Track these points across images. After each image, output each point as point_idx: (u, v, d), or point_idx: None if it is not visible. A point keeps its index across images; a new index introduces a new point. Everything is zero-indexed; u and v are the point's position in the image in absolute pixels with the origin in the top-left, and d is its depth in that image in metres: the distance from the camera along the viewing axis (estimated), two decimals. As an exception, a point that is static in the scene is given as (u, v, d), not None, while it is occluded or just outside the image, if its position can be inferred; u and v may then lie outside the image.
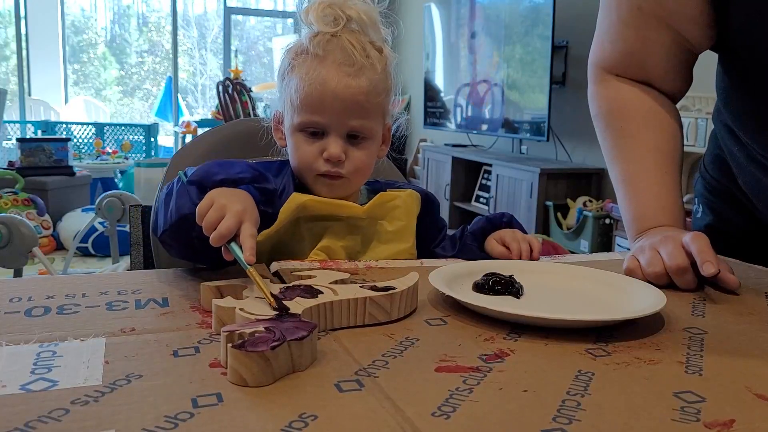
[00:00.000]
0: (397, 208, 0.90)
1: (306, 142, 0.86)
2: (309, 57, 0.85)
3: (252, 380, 0.47)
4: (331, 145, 0.85)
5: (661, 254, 0.79)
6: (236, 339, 0.49)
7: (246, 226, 0.67)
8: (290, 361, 0.49)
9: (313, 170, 0.87)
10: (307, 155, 0.86)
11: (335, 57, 0.84)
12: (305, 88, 0.84)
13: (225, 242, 0.66)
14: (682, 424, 0.43)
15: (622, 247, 3.17)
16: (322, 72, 0.84)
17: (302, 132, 0.86)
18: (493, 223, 0.94)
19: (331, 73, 0.83)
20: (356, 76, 0.84)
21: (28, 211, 3.86)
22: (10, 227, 2.10)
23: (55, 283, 0.73)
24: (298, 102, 0.85)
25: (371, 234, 0.89)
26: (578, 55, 3.84)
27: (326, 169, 0.86)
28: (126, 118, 8.25)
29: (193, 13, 8.52)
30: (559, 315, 0.60)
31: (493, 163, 4.14)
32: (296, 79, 0.85)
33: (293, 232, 0.86)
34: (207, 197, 0.70)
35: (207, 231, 0.67)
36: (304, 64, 0.86)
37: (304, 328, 0.51)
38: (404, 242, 0.91)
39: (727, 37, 0.86)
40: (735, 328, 0.65)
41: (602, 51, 0.97)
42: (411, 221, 0.92)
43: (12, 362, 0.50)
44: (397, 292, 0.62)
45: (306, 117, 0.85)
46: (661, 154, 0.92)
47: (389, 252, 0.89)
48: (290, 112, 0.88)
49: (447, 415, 0.43)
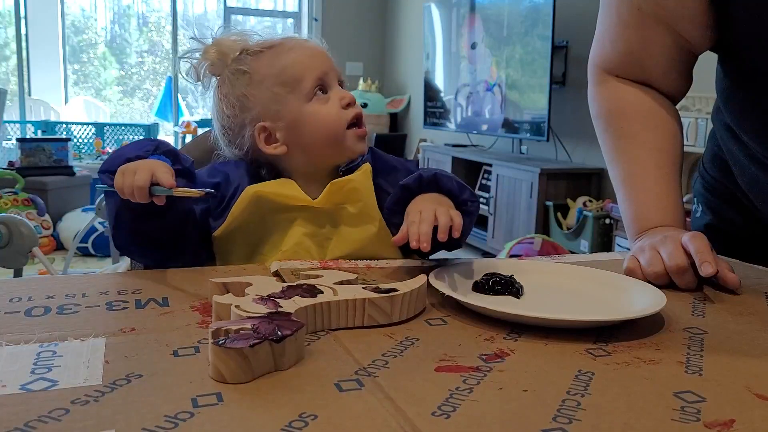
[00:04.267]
0: (355, 190, 0.89)
1: (321, 104, 0.89)
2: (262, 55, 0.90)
3: (230, 376, 0.47)
4: (340, 91, 0.90)
5: (661, 254, 0.79)
6: (222, 335, 0.50)
7: (158, 171, 0.73)
8: (272, 359, 0.49)
9: (343, 123, 0.89)
10: (332, 112, 0.88)
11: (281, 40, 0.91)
12: (292, 62, 0.88)
13: (148, 193, 0.73)
14: (682, 424, 0.43)
15: (622, 247, 3.17)
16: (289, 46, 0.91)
17: (314, 99, 0.88)
18: (408, 189, 0.84)
19: (295, 42, 0.91)
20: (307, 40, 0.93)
21: (28, 211, 3.86)
22: (10, 227, 2.10)
23: (55, 283, 0.73)
24: (293, 78, 0.88)
25: (336, 219, 0.89)
26: (578, 55, 3.84)
27: (354, 113, 0.89)
28: (126, 118, 8.24)
29: (193, 13, 8.51)
30: (559, 315, 0.60)
31: (493, 163, 4.14)
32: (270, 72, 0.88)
33: (260, 228, 0.87)
34: (117, 173, 0.75)
35: (130, 196, 0.74)
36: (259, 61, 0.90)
37: (290, 327, 0.51)
38: (370, 222, 0.88)
39: (727, 37, 0.86)
40: (735, 328, 0.65)
41: (602, 51, 0.97)
42: (370, 198, 0.90)
43: (12, 362, 0.50)
44: (398, 294, 0.61)
45: (310, 79, 0.88)
46: (662, 154, 0.92)
47: (359, 235, 0.88)
48: (284, 102, 0.88)
49: (447, 415, 0.43)
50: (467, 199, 0.84)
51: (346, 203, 0.88)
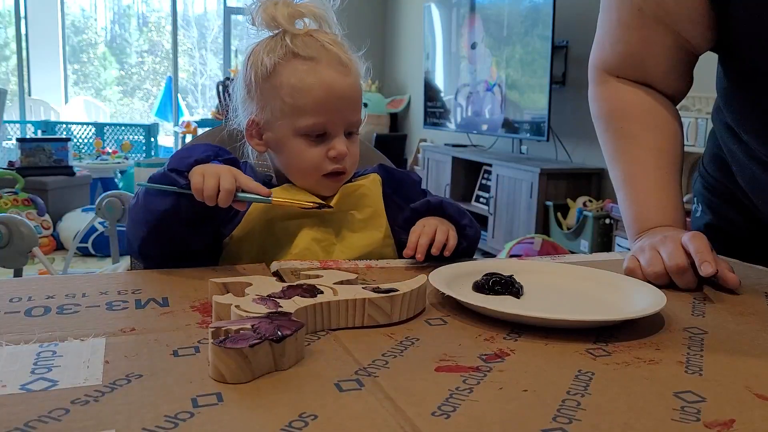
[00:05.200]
0: (364, 196, 0.91)
1: (309, 146, 0.87)
2: (296, 60, 0.85)
3: (230, 377, 0.47)
4: (338, 143, 0.87)
5: (661, 254, 0.79)
6: (222, 335, 0.50)
7: (240, 176, 0.76)
8: (272, 359, 0.49)
9: (320, 171, 0.88)
10: (314, 158, 0.87)
11: (325, 58, 0.85)
12: (308, 92, 0.84)
13: (234, 196, 0.75)
14: (682, 424, 0.43)
15: (622, 247, 3.17)
16: (321, 74, 0.85)
17: (305, 136, 0.86)
18: (417, 211, 0.90)
19: (331, 74, 0.85)
20: (348, 75, 0.87)
21: (28, 211, 3.86)
22: (10, 227, 2.10)
23: (55, 283, 0.73)
24: (301, 107, 0.85)
25: (343, 224, 0.90)
26: (578, 55, 3.84)
27: (333, 168, 0.87)
28: (126, 118, 8.25)
29: (193, 13, 8.52)
30: (559, 315, 0.60)
31: (493, 163, 4.14)
32: (288, 84, 0.85)
33: (269, 233, 0.87)
34: (195, 174, 0.76)
35: (211, 199, 0.74)
36: (289, 66, 0.86)
37: (290, 327, 0.51)
38: (376, 229, 0.90)
39: (727, 37, 0.86)
40: (735, 328, 0.65)
41: (603, 52, 0.97)
42: (378, 205, 0.92)
43: (12, 362, 0.50)
44: (398, 294, 0.61)
45: (311, 120, 0.85)
46: (662, 154, 0.92)
47: (364, 241, 0.89)
48: (283, 119, 0.87)
49: (447, 415, 0.43)
50: (466, 224, 0.90)
51: (354, 208, 0.90)
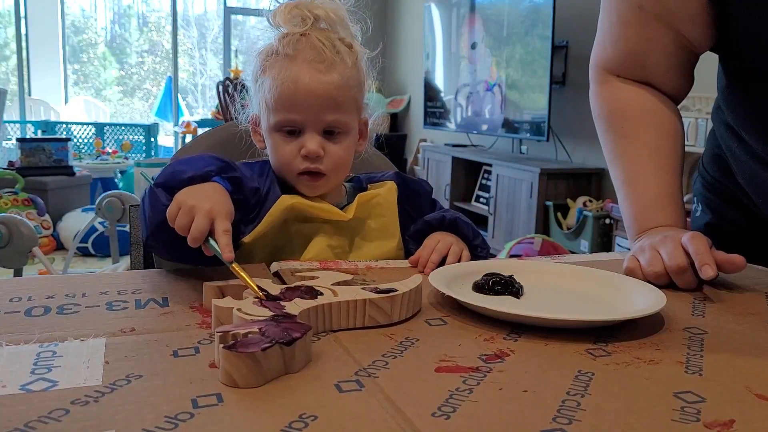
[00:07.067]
0: (379, 205, 0.92)
1: (284, 142, 0.87)
2: (280, 57, 0.86)
3: (242, 381, 0.47)
4: (308, 141, 0.86)
5: (661, 254, 0.79)
6: (230, 339, 0.49)
7: (218, 222, 0.67)
8: (282, 362, 0.49)
9: (294, 169, 0.87)
10: (286, 154, 0.87)
11: (305, 55, 0.85)
12: (278, 87, 0.85)
13: (201, 242, 0.67)
14: (682, 424, 0.43)
15: (622, 247, 3.17)
16: (293, 70, 0.85)
17: (279, 132, 0.87)
18: (431, 225, 0.90)
19: (303, 70, 0.85)
20: (327, 72, 0.85)
21: (28, 211, 3.86)
22: (10, 227, 2.10)
23: (55, 283, 0.73)
24: (273, 102, 0.86)
25: (357, 233, 0.90)
26: (578, 55, 3.84)
27: (305, 166, 0.87)
28: (126, 118, 8.25)
29: (193, 13, 8.51)
30: (559, 315, 0.60)
31: (493, 163, 4.14)
32: (269, 80, 0.86)
33: (283, 234, 0.87)
34: (174, 201, 0.70)
35: (182, 233, 0.68)
36: (275, 64, 0.87)
37: (298, 329, 0.51)
38: (390, 239, 0.91)
39: (727, 37, 0.86)
40: (735, 328, 0.65)
41: (603, 52, 0.97)
42: (393, 215, 0.93)
43: (12, 362, 0.50)
44: (398, 294, 0.61)
45: (281, 116, 0.86)
46: (662, 154, 0.92)
47: (377, 250, 0.90)
48: (266, 114, 0.88)
49: (447, 416, 0.43)
50: (478, 245, 0.90)
51: (369, 217, 0.90)
